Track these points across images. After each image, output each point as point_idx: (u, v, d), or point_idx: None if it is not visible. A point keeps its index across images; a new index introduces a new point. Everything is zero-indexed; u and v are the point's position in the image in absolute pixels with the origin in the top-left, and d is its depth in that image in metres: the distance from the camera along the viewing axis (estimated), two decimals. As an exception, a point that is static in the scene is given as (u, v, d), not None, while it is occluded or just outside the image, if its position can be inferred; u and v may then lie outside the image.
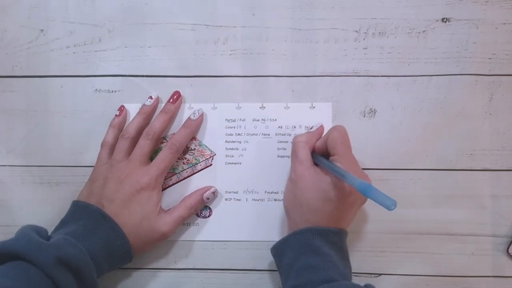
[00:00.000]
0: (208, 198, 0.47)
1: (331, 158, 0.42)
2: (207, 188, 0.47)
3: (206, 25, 0.48)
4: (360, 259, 0.47)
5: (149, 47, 0.49)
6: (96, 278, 0.41)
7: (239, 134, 0.48)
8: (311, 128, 0.46)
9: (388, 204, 0.35)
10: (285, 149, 0.48)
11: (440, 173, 0.47)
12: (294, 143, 0.45)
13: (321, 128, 0.46)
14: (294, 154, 0.44)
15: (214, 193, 0.47)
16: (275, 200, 0.48)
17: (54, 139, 0.49)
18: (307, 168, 0.43)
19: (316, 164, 0.44)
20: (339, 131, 0.42)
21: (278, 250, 0.44)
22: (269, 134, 0.48)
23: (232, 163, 0.48)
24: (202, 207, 0.48)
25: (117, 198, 0.43)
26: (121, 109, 0.48)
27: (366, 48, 0.48)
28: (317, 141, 0.45)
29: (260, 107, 0.48)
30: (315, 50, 0.48)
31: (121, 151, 0.45)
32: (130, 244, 0.43)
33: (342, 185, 0.40)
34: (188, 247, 0.48)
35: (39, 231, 0.40)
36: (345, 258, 0.43)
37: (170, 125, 0.48)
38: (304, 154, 0.43)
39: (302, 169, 0.43)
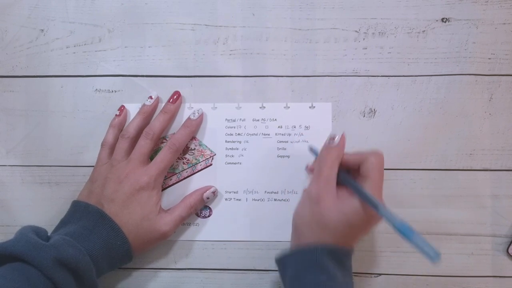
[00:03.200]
0: (208, 198, 0.47)
1: (359, 178, 0.40)
2: (207, 188, 0.47)
3: (206, 25, 0.48)
4: (360, 259, 0.47)
5: (149, 47, 0.49)
6: (96, 278, 0.41)
7: (239, 134, 0.48)
8: (332, 139, 0.43)
9: (432, 255, 0.32)
10: (285, 149, 0.48)
11: (440, 173, 0.47)
12: (322, 158, 0.42)
13: (344, 139, 0.43)
14: (319, 171, 0.41)
15: (214, 193, 0.48)
16: (275, 200, 0.48)
17: (54, 139, 0.49)
18: (331, 188, 0.40)
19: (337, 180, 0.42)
20: (379, 158, 0.40)
21: (284, 261, 0.43)
22: (269, 134, 0.48)
23: (232, 163, 0.48)
24: (202, 207, 0.48)
25: (117, 198, 0.43)
26: (121, 109, 0.48)
27: (366, 48, 0.48)
28: (343, 155, 0.43)
29: (260, 107, 0.48)
30: (315, 50, 0.48)
31: (121, 151, 0.45)
32: (130, 244, 0.43)
33: (367, 212, 0.39)
34: (188, 247, 0.48)
35: (38, 231, 0.40)
36: (349, 275, 0.42)
37: (170, 125, 0.48)
38: (331, 173, 0.41)
39: (326, 189, 0.40)
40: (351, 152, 0.43)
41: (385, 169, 0.47)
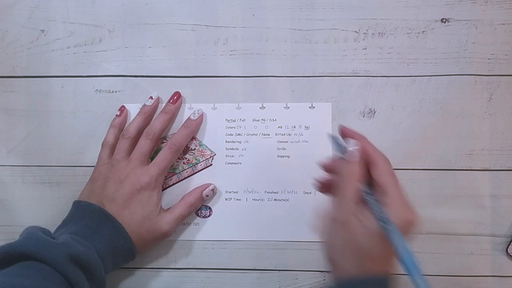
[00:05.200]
0: (207, 195, 0.47)
1: (377, 188, 0.37)
2: (206, 186, 0.48)
3: (206, 25, 0.48)
4: (359, 259, 0.48)
5: (149, 47, 0.49)
6: (104, 275, 0.41)
7: (239, 134, 0.48)
8: (346, 149, 0.38)
9: None
10: (285, 149, 0.48)
11: (440, 173, 0.48)
12: (343, 176, 0.37)
13: (359, 151, 0.38)
14: (342, 192, 0.37)
15: (213, 190, 0.48)
16: (275, 200, 0.48)
17: (54, 139, 0.49)
18: (356, 208, 0.36)
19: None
20: (386, 162, 0.37)
21: None
22: (269, 134, 0.48)
23: (232, 163, 0.48)
24: (201, 205, 0.48)
25: (117, 198, 0.43)
26: (122, 109, 0.48)
27: (366, 49, 0.48)
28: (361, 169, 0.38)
29: (260, 107, 0.48)
30: (315, 50, 0.48)
31: (121, 151, 0.46)
32: (133, 243, 0.43)
33: None
34: (188, 246, 0.48)
35: (44, 231, 0.41)
36: None
37: (171, 125, 0.48)
38: (354, 192, 0.36)
39: (352, 210, 0.36)
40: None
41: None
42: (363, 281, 0.36)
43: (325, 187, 0.41)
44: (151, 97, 0.48)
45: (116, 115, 0.48)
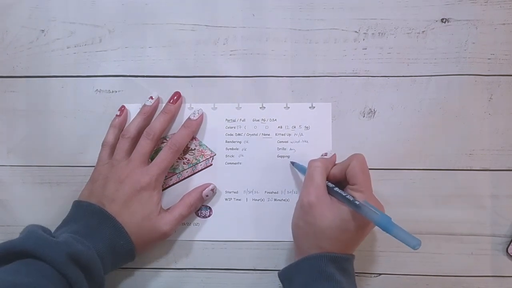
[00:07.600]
0: (207, 195, 0.47)
1: (350, 187, 0.42)
2: (206, 186, 0.48)
3: (206, 25, 0.48)
4: (360, 259, 0.47)
5: (149, 47, 0.49)
6: (104, 275, 0.41)
7: (239, 134, 0.48)
8: (325, 155, 0.46)
9: (413, 244, 0.34)
10: (285, 149, 0.48)
11: (440, 173, 0.47)
12: (311, 167, 0.43)
13: (335, 156, 0.46)
14: (310, 178, 0.43)
15: (213, 190, 0.48)
16: (275, 200, 0.48)
17: (54, 139, 0.49)
18: (323, 194, 0.42)
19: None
20: (359, 160, 0.42)
21: (287, 274, 0.43)
22: (269, 134, 0.48)
23: (232, 163, 0.48)
24: (201, 205, 0.48)
25: (117, 198, 0.43)
26: (122, 109, 0.48)
27: (366, 49, 0.48)
28: (331, 168, 0.44)
29: (260, 107, 0.48)
30: (315, 50, 0.48)
31: (121, 151, 0.46)
32: (133, 244, 0.43)
33: (358, 217, 0.40)
34: (188, 247, 0.48)
35: (44, 230, 0.41)
36: (353, 283, 0.42)
37: (171, 125, 0.48)
38: (321, 180, 0.42)
39: (318, 195, 0.41)
40: (336, 165, 0.45)
41: (385, 169, 0.47)
42: (319, 257, 0.41)
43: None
44: (151, 97, 0.48)
45: (116, 115, 0.48)
